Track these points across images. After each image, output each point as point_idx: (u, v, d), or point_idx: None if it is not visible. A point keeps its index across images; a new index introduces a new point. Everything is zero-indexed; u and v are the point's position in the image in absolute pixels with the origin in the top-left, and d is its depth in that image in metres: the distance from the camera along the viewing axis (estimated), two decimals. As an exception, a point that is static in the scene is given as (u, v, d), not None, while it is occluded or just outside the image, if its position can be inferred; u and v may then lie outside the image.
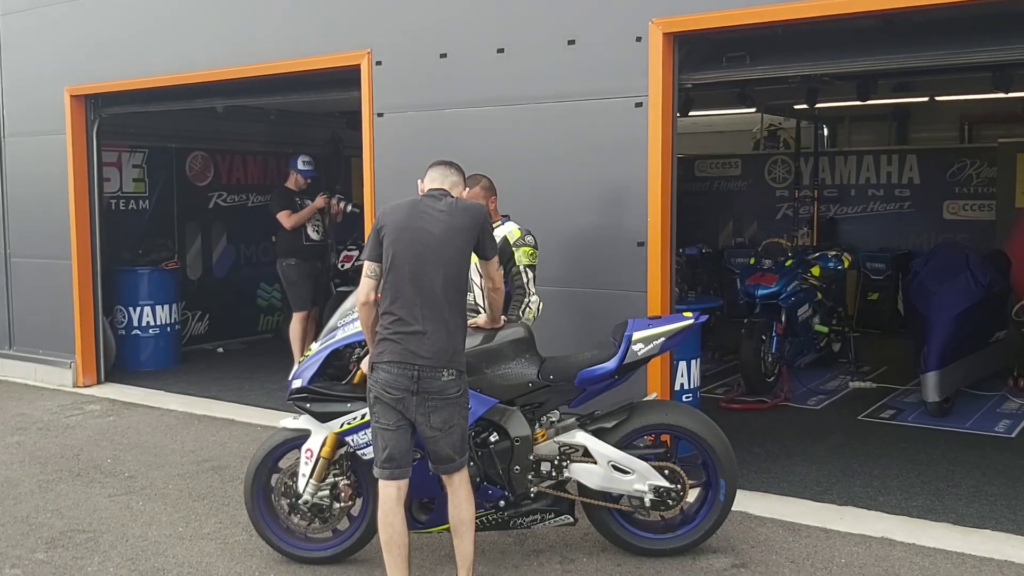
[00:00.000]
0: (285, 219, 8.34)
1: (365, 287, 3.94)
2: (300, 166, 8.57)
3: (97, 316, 8.69)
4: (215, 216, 10.69)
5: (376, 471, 3.93)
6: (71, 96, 8.47)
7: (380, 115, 6.55)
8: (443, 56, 6.25)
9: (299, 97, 7.85)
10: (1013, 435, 6.66)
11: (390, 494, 3.89)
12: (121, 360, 9.08)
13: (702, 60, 5.60)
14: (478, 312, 5.17)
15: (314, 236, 8.56)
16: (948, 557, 4.50)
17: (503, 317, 4.49)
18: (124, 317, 9.24)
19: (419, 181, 4.17)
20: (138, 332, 9.29)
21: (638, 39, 5.42)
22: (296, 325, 8.44)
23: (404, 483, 3.92)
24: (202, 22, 7.65)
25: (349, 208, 8.82)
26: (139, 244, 9.55)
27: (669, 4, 5.37)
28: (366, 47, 6.57)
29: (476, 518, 4.30)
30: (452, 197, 4.03)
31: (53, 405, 7.95)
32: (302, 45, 6.96)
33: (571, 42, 5.71)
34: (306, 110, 10.22)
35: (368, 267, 3.94)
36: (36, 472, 6.08)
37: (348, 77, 6.73)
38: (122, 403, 8.00)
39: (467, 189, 4.22)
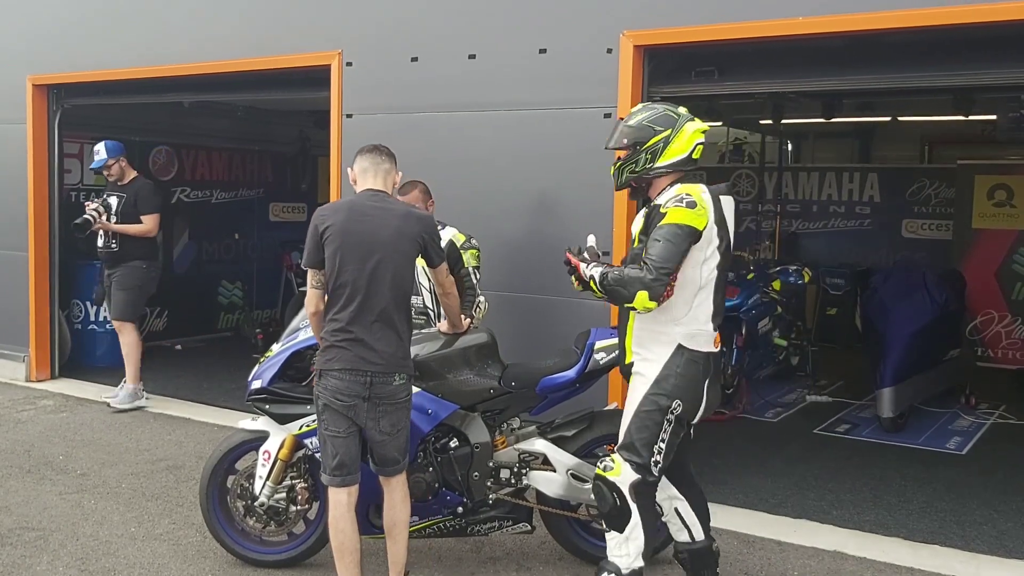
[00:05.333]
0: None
1: (314, 297, 3.89)
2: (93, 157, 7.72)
3: (53, 310, 8.54)
4: (177, 211, 10.55)
5: (326, 478, 3.91)
6: (33, 85, 8.33)
7: (349, 116, 6.52)
8: (414, 59, 6.24)
9: (268, 95, 7.81)
10: (964, 452, 6.79)
11: (341, 500, 3.88)
12: (76, 355, 8.93)
13: (671, 73, 5.65)
14: (426, 315, 5.22)
15: (98, 243, 7.68)
16: (898, 571, 4.58)
17: (464, 320, 4.51)
18: (81, 311, 9.10)
19: (349, 169, 4.09)
20: (95, 327, 9.14)
21: (609, 51, 5.45)
22: None
23: (354, 489, 3.91)
24: (171, 15, 7.56)
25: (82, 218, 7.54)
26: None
27: (640, 17, 5.42)
28: (337, 47, 6.54)
29: (434, 524, 4.32)
30: (396, 200, 4.02)
31: (5, 399, 7.80)
32: (272, 43, 6.91)
33: (542, 51, 5.73)
34: (274, 108, 10.15)
35: (313, 276, 3.88)
36: (-15, 467, 5.96)
37: (318, 77, 6.69)
38: (76, 399, 7.88)
39: (399, 173, 4.12)
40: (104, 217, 7.52)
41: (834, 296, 11.22)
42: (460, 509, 4.35)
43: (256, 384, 4.36)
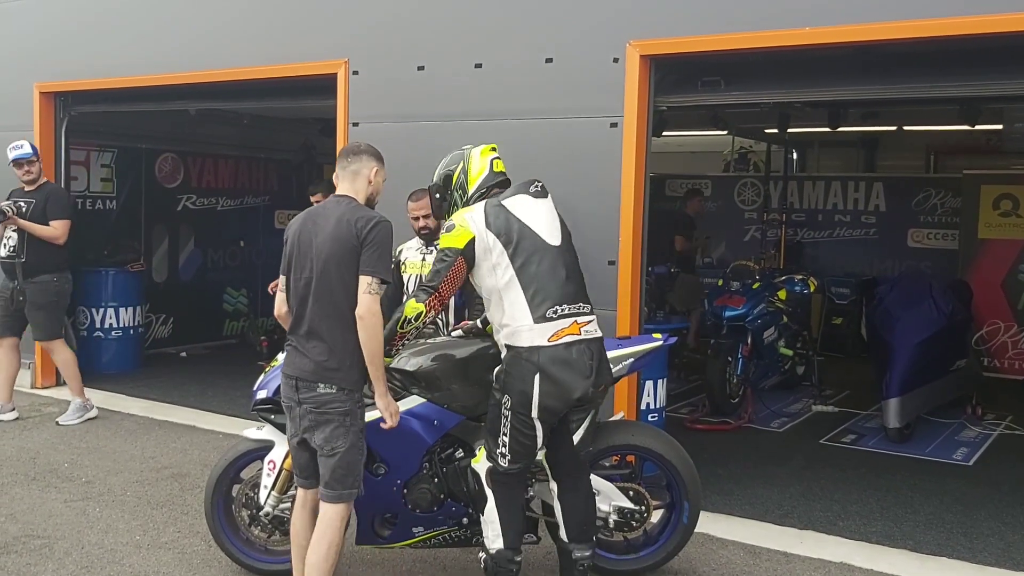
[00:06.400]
0: None
1: (278, 300, 4.05)
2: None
3: (59, 317, 8.54)
4: (183, 219, 10.59)
5: None
6: (40, 93, 8.35)
7: (355, 125, 6.53)
8: (420, 68, 6.25)
9: (274, 103, 7.82)
10: (971, 463, 6.76)
11: (297, 497, 4.05)
12: (82, 362, 8.74)
13: (678, 83, 5.66)
14: (435, 323, 5.21)
15: (1, 252, 7.27)
16: (905, 584, 4.56)
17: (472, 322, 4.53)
18: (87, 318, 9.10)
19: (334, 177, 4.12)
20: (100, 334, 9.15)
21: (615, 60, 5.46)
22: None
23: (309, 493, 3.98)
24: (179, 23, 7.58)
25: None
26: (105, 245, 9.43)
27: (647, 27, 5.42)
28: (343, 56, 6.56)
29: (439, 535, 4.31)
30: (352, 203, 3.89)
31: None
32: (279, 51, 6.93)
33: (549, 60, 5.74)
34: (280, 115, 10.17)
35: (282, 280, 4.03)
36: (-10, 475, 5.97)
37: (324, 85, 6.70)
38: (81, 406, 7.87)
39: (375, 167, 3.98)
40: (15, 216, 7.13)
41: (840, 305, 11.21)
42: (465, 520, 4.32)
43: (262, 394, 4.36)
